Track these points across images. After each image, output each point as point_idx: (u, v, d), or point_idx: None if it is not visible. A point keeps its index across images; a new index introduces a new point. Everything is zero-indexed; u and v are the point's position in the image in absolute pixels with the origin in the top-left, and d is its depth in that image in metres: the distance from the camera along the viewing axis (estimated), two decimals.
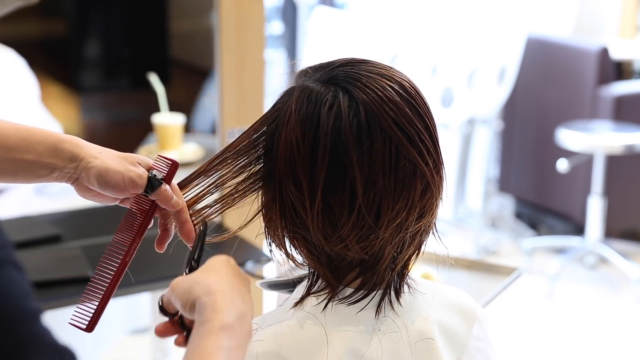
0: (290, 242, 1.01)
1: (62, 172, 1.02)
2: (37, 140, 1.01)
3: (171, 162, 1.06)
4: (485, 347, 1.09)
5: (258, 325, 1.00)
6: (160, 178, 1.04)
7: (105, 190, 1.03)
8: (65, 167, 1.02)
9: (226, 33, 2.30)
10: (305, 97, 0.97)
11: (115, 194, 1.04)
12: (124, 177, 1.02)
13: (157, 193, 1.03)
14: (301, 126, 0.95)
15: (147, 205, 1.06)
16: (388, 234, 0.96)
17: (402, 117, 0.96)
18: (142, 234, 1.07)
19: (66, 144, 1.02)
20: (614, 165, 3.97)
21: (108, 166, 1.02)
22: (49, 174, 1.02)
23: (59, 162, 1.01)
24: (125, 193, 1.04)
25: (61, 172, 1.02)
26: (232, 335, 0.84)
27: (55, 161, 1.01)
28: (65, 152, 1.01)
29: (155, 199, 1.04)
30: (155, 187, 1.03)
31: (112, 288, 1.06)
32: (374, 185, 0.94)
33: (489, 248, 4.20)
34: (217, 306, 0.85)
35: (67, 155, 1.01)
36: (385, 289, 1.01)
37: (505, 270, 1.90)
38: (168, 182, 1.05)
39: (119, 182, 1.02)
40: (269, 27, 5.45)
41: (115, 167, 1.02)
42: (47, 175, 1.02)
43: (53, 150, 1.01)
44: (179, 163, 1.07)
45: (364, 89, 0.96)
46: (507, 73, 4.15)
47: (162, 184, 1.03)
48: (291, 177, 0.96)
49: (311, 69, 1.01)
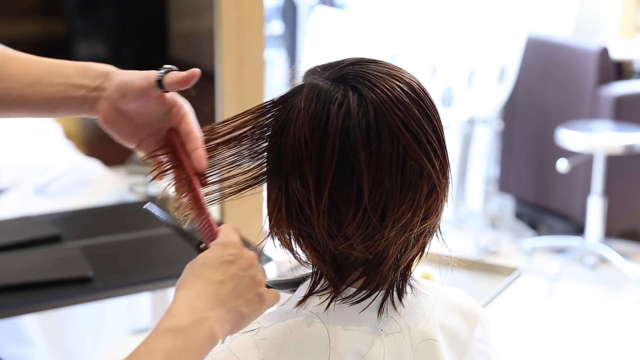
0: (295, 239, 1.01)
1: (88, 94, 1.06)
2: (68, 65, 1.08)
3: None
4: (487, 349, 1.09)
5: (260, 324, 1.00)
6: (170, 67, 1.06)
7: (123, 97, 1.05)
8: (92, 85, 1.06)
9: (226, 33, 2.30)
10: (314, 95, 0.97)
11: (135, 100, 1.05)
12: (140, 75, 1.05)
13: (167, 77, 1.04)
14: (310, 124, 0.95)
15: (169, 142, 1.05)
16: (393, 234, 0.96)
17: (411, 118, 0.96)
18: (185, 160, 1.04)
19: (96, 65, 1.08)
20: (614, 165, 3.97)
21: (126, 73, 1.07)
22: (74, 95, 1.06)
23: (87, 81, 1.06)
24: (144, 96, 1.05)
25: (87, 94, 1.06)
26: (178, 337, 0.86)
27: (84, 81, 1.06)
28: (94, 71, 1.07)
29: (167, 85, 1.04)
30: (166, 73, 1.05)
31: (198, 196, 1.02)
32: (380, 185, 0.94)
33: (489, 248, 4.20)
34: (172, 308, 0.89)
35: (95, 73, 1.07)
36: (388, 289, 1.01)
37: (505, 270, 1.90)
38: None
39: (135, 80, 1.05)
40: (269, 27, 5.46)
41: (131, 73, 1.07)
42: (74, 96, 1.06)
43: (82, 72, 1.07)
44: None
45: (373, 88, 0.96)
46: (507, 73, 4.15)
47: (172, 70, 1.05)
48: (298, 174, 0.96)
49: (320, 68, 1.01)
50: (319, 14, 4.83)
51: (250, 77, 2.34)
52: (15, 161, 3.23)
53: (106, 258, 2.12)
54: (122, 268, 2.09)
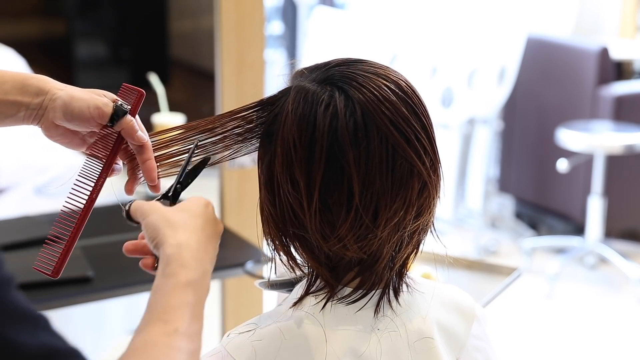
0: (290, 241, 1.01)
1: (28, 110, 1.01)
2: (4, 79, 1.01)
3: (137, 91, 1.04)
4: (484, 346, 1.09)
5: (256, 325, 1.00)
6: (126, 108, 1.02)
7: (70, 121, 1.01)
8: (32, 103, 1.01)
9: (226, 33, 2.30)
10: (301, 97, 0.97)
11: (81, 125, 1.02)
12: (89, 104, 1.00)
13: (121, 123, 1.01)
14: (298, 126, 0.96)
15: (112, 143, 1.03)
16: (386, 233, 0.97)
17: (399, 117, 0.96)
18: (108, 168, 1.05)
19: (32, 79, 1.02)
20: (614, 165, 3.97)
21: (73, 95, 1.01)
22: (16, 113, 1.01)
23: (25, 98, 1.01)
24: (90, 124, 1.02)
25: (27, 110, 1.01)
26: (196, 292, 0.86)
27: (22, 98, 1.01)
28: (32, 87, 1.01)
29: (120, 129, 1.02)
30: (120, 116, 1.01)
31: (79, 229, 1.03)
32: (371, 185, 0.94)
33: (489, 248, 4.20)
34: (184, 261, 0.87)
35: (34, 90, 1.01)
36: (384, 288, 1.01)
37: (505, 270, 1.90)
38: (133, 113, 1.03)
39: (84, 110, 1.00)
40: (269, 27, 5.46)
41: (80, 95, 1.01)
42: (15, 114, 1.01)
43: (20, 88, 1.01)
44: (144, 92, 1.05)
45: (360, 88, 0.96)
46: (507, 73, 4.15)
47: (127, 114, 1.02)
48: (288, 177, 0.96)
49: (307, 70, 1.01)
50: (319, 14, 4.83)
51: (250, 77, 2.34)
52: (15, 161, 3.23)
53: (106, 258, 2.11)
54: (122, 268, 2.09)
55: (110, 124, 1.01)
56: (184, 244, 0.88)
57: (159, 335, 0.81)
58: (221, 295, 2.40)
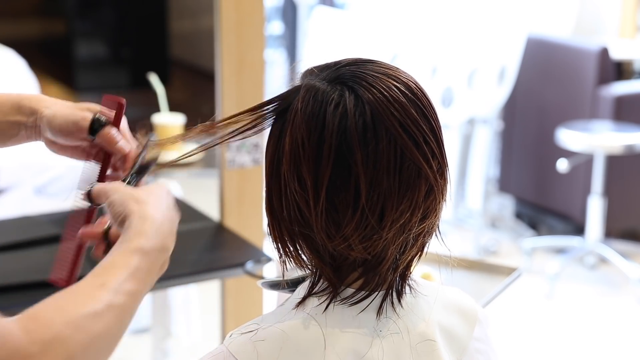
0: (295, 240, 1.01)
1: (27, 129, 1.08)
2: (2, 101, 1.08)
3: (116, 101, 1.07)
4: (486, 349, 1.09)
5: (259, 325, 1.00)
6: (104, 120, 1.06)
7: (56, 136, 1.07)
8: (28, 121, 1.08)
9: (226, 33, 2.30)
10: (311, 96, 0.97)
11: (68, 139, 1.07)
12: (67, 120, 1.06)
13: (100, 135, 1.06)
14: (307, 125, 0.95)
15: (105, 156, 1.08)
16: (391, 234, 0.96)
17: (408, 118, 0.95)
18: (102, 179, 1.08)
19: (26, 100, 1.09)
20: (614, 165, 3.97)
21: (56, 112, 1.07)
22: (18, 132, 1.09)
23: (22, 118, 1.08)
24: (75, 137, 1.07)
25: (26, 129, 1.08)
26: (143, 258, 0.89)
27: (19, 117, 1.08)
28: (26, 107, 1.08)
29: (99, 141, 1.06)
30: (98, 130, 1.05)
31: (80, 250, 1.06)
32: (378, 186, 0.94)
33: (489, 248, 4.20)
34: (142, 230, 0.91)
35: (27, 110, 1.08)
36: (387, 290, 1.01)
37: (505, 270, 1.90)
38: (116, 124, 1.07)
39: (64, 126, 1.06)
40: (269, 27, 5.46)
41: (62, 112, 1.07)
42: (17, 134, 1.09)
43: (17, 108, 1.08)
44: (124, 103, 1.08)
45: (370, 88, 0.96)
46: (507, 73, 4.15)
47: (106, 126, 1.06)
48: (296, 175, 0.96)
49: (317, 69, 1.00)
50: (319, 14, 4.83)
51: (250, 77, 2.34)
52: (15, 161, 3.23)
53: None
54: None
55: (92, 136, 1.06)
56: (149, 217, 0.92)
57: (86, 286, 0.86)
58: (221, 295, 2.40)
